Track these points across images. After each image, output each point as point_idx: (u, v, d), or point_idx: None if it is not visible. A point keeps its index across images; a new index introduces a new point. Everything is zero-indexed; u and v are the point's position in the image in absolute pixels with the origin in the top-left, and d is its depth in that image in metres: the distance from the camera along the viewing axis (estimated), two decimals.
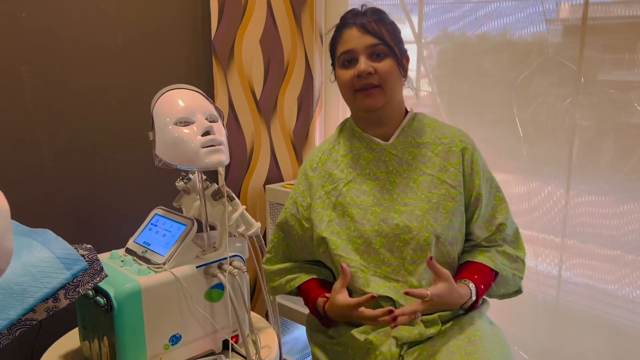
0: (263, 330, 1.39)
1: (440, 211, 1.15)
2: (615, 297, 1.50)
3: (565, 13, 1.50)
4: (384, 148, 1.20)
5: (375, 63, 1.12)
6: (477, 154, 1.20)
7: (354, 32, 1.13)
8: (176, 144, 1.14)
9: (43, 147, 1.40)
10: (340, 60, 1.15)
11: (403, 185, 1.18)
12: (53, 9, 1.37)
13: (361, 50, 1.12)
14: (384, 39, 1.12)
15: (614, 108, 1.43)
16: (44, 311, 0.88)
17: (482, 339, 1.09)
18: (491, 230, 1.20)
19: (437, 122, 1.25)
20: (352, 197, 1.18)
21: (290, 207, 1.27)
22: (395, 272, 1.15)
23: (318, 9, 2.04)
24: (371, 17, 1.14)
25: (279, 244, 1.29)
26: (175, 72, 1.65)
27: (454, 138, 1.20)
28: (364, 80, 1.12)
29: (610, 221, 1.48)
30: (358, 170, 1.20)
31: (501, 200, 1.22)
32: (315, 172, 1.24)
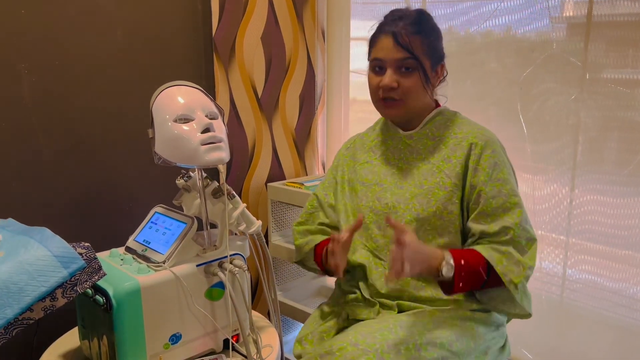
0: (264, 329, 1.38)
1: (429, 197, 1.19)
2: (621, 296, 1.49)
3: (570, 10, 1.48)
4: (401, 137, 1.29)
5: (401, 77, 1.17)
6: (489, 151, 1.18)
7: (387, 42, 1.17)
8: (176, 141, 1.13)
9: (42, 144, 1.39)
10: (372, 64, 1.22)
11: (406, 171, 1.25)
12: (52, 5, 1.36)
13: (390, 62, 1.17)
14: (414, 52, 1.15)
15: (619, 105, 1.42)
16: (41, 310, 0.87)
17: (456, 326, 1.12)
18: (494, 229, 1.14)
19: (463, 119, 1.28)
20: (362, 175, 1.31)
21: (328, 178, 1.42)
22: (380, 249, 1.24)
23: (320, 6, 2.02)
24: (408, 26, 1.16)
25: (312, 211, 1.40)
26: (175, 69, 1.64)
27: (468, 134, 1.21)
28: (387, 93, 1.18)
29: (615, 219, 1.46)
30: (378, 154, 1.32)
31: (515, 205, 1.16)
32: (347, 151, 1.41)
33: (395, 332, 1.08)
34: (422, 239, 1.19)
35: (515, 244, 1.14)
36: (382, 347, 1.03)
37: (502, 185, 1.17)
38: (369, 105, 1.30)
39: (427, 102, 1.24)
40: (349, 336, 1.07)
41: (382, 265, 1.24)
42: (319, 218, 1.40)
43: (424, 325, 1.11)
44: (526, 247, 1.16)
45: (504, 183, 1.17)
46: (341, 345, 1.05)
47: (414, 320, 1.12)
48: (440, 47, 1.22)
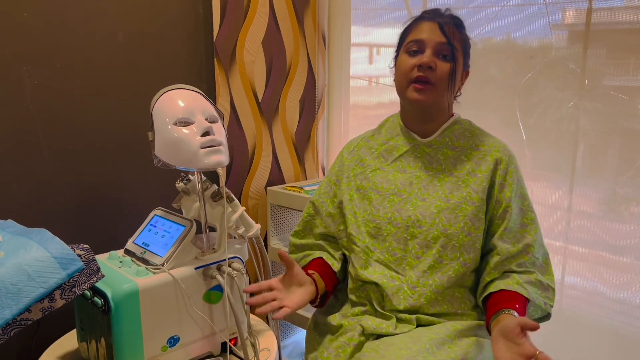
0: (262, 332, 1.38)
1: (457, 213, 1.14)
2: (620, 303, 1.49)
3: (570, 18, 1.49)
4: (419, 144, 1.22)
5: (439, 61, 1.13)
6: (512, 167, 1.18)
7: (431, 26, 1.14)
8: (175, 144, 1.13)
9: (43, 146, 1.40)
10: (407, 46, 1.16)
11: (427, 182, 1.19)
12: (54, 8, 1.37)
13: (431, 44, 1.13)
14: (454, 44, 1.13)
15: (619, 113, 1.42)
16: (40, 311, 0.87)
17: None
18: (517, 247, 1.15)
19: (480, 130, 1.24)
20: (376, 182, 1.22)
21: (325, 185, 1.33)
22: (397, 263, 1.17)
23: (321, 11, 2.03)
24: (450, 20, 1.15)
25: (309, 220, 1.34)
26: (176, 73, 1.65)
27: (491, 147, 1.19)
28: (423, 71, 1.13)
29: (614, 226, 1.47)
30: (389, 160, 1.24)
31: (532, 221, 1.18)
32: (350, 155, 1.31)
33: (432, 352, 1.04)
34: (449, 256, 1.14)
35: (535, 264, 1.17)
36: None
37: (522, 201, 1.18)
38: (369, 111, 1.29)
39: (449, 102, 1.21)
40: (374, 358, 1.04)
41: (399, 279, 1.16)
42: (316, 227, 1.33)
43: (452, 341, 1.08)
44: (544, 263, 1.19)
45: (524, 199, 1.19)
46: None
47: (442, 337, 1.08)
48: (470, 54, 1.22)
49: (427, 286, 1.14)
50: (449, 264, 1.14)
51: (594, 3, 1.42)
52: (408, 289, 1.15)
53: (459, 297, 1.17)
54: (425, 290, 1.14)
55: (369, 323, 1.14)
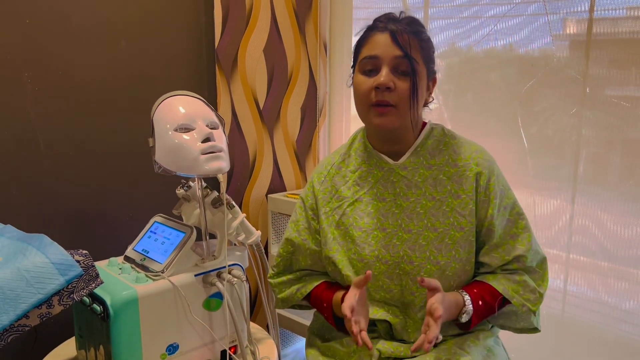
0: (262, 341, 1.37)
1: (446, 241, 1.09)
2: (622, 312, 1.48)
3: (571, 28, 1.49)
4: (393, 168, 1.14)
5: (397, 80, 1.03)
6: (494, 178, 1.11)
7: (383, 39, 1.04)
8: (176, 150, 1.13)
9: (43, 153, 1.39)
10: (362, 64, 1.07)
11: (409, 210, 1.11)
12: (56, 15, 1.37)
13: (386, 60, 1.03)
14: (412, 55, 1.03)
15: (621, 122, 1.42)
16: (37, 317, 0.87)
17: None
18: (507, 259, 1.10)
19: (454, 138, 1.15)
20: (356, 218, 1.14)
21: (302, 220, 1.23)
22: (395, 298, 1.13)
23: (322, 20, 2.04)
24: (406, 26, 1.04)
25: (288, 258, 1.26)
26: (178, 80, 1.65)
27: (469, 160, 1.11)
28: (381, 95, 1.04)
29: (616, 235, 1.46)
30: (365, 189, 1.15)
31: (523, 229, 1.11)
32: (322, 186, 1.21)
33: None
34: (445, 286, 1.09)
35: (527, 269, 1.12)
36: None
37: (509, 212, 1.12)
38: None
39: (417, 116, 1.11)
40: None
41: (402, 314, 1.13)
42: (298, 263, 1.24)
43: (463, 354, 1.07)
44: (538, 269, 1.13)
45: (511, 208, 1.13)
46: None
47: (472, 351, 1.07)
48: (434, 59, 1.11)
49: None
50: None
51: (595, 13, 1.43)
52: (413, 324, 1.13)
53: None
54: None
55: (385, 346, 1.11)
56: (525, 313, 1.11)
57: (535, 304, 1.10)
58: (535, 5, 1.54)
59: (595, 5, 1.42)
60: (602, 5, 1.41)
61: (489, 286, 1.11)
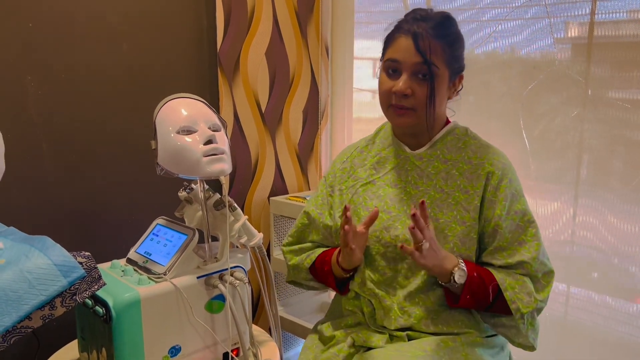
0: (264, 343, 1.36)
1: (446, 233, 1.10)
2: (625, 314, 1.47)
3: (573, 31, 1.49)
4: (409, 157, 1.18)
5: (417, 85, 1.07)
6: (506, 181, 1.11)
7: (406, 44, 1.07)
8: (178, 152, 1.13)
9: (46, 156, 1.40)
10: (386, 64, 1.12)
11: (416, 198, 1.14)
12: (59, 20, 1.38)
13: (406, 65, 1.07)
14: (432, 60, 1.05)
15: (623, 125, 1.42)
16: (40, 319, 0.87)
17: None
18: (509, 263, 1.09)
19: (475, 139, 1.18)
20: (365, 198, 1.19)
21: (322, 195, 1.30)
22: (388, 283, 1.15)
23: (324, 22, 2.04)
24: (430, 30, 1.06)
25: (302, 229, 1.32)
26: (180, 83, 1.66)
27: (483, 160, 1.13)
28: (398, 99, 1.09)
29: (619, 237, 1.46)
30: (381, 173, 1.21)
31: (532, 237, 1.10)
32: (342, 165, 1.28)
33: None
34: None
35: (532, 278, 1.10)
36: None
37: (519, 217, 1.11)
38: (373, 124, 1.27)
39: (440, 114, 1.15)
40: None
41: (390, 299, 1.14)
42: (310, 236, 1.30)
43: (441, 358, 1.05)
44: (543, 281, 1.11)
45: (522, 215, 1.12)
46: None
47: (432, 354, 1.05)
48: (461, 57, 1.14)
49: (416, 305, 1.12)
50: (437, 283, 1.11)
51: (597, 16, 1.43)
52: (398, 310, 1.13)
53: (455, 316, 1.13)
54: (414, 310, 1.12)
55: (359, 335, 1.14)
56: (515, 312, 1.07)
57: (527, 307, 1.07)
58: (537, 8, 1.54)
59: (597, 8, 1.42)
60: (603, 9, 1.41)
61: (487, 269, 1.10)
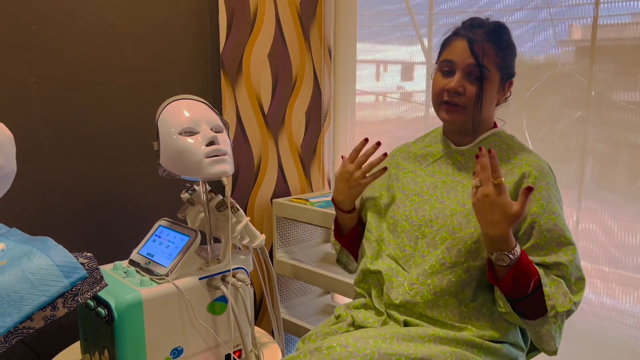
0: (267, 345, 1.36)
1: (469, 218, 1.12)
2: (630, 317, 1.47)
3: (576, 34, 1.49)
4: (452, 151, 1.24)
5: (468, 84, 1.13)
6: (543, 182, 1.12)
7: (461, 46, 1.14)
8: (180, 153, 1.13)
9: (49, 157, 1.40)
10: (441, 65, 1.18)
11: (451, 187, 1.19)
12: (62, 21, 1.38)
13: (460, 66, 1.13)
14: (485, 63, 1.12)
15: (626, 127, 1.41)
16: (42, 319, 0.87)
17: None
18: (546, 262, 1.08)
19: (520, 144, 1.21)
20: (404, 183, 1.26)
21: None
22: (406, 259, 1.19)
23: (327, 25, 2.04)
24: (485, 35, 1.13)
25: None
26: (183, 85, 1.66)
27: (522, 161, 1.16)
28: (450, 96, 1.15)
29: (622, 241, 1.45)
30: (423, 165, 1.27)
31: (570, 242, 1.10)
32: (391, 159, 1.35)
33: (390, 342, 1.04)
34: (453, 260, 1.12)
35: (565, 281, 1.10)
36: (372, 353, 1.00)
37: (556, 219, 1.11)
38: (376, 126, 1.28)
39: (487, 116, 1.21)
40: (341, 337, 1.05)
41: (404, 275, 1.17)
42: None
43: (424, 342, 1.07)
44: (575, 287, 1.11)
45: (558, 217, 1.11)
46: (331, 344, 1.02)
47: (414, 335, 1.08)
48: (512, 64, 1.19)
49: (426, 285, 1.13)
50: (451, 268, 1.12)
51: (600, 19, 1.42)
52: (407, 285, 1.15)
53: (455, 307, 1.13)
54: (422, 289, 1.13)
55: (359, 316, 1.19)
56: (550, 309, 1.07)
57: (562, 306, 1.07)
58: (541, 11, 1.54)
59: (600, 11, 1.42)
60: (606, 12, 1.41)
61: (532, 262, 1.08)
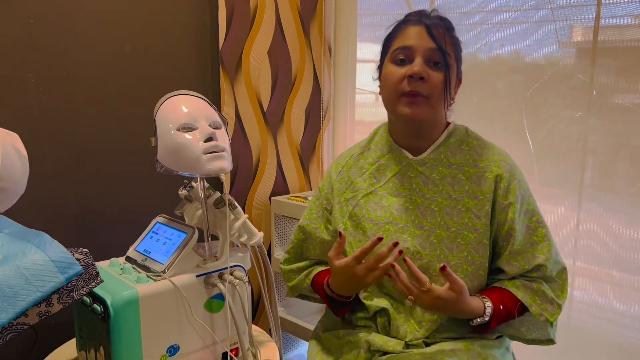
0: (264, 343, 1.35)
1: (458, 241, 1.07)
2: (629, 318, 1.46)
3: (577, 35, 1.48)
4: (411, 163, 1.13)
5: (431, 70, 1.03)
6: (515, 182, 1.08)
7: (417, 30, 1.04)
8: (178, 149, 1.12)
9: (47, 153, 1.39)
10: (394, 55, 1.06)
11: (424, 206, 1.10)
12: (61, 16, 1.37)
13: (420, 51, 1.02)
14: (446, 48, 1.03)
15: (627, 129, 1.41)
16: (36, 315, 0.86)
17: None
18: (526, 268, 1.08)
19: (478, 140, 1.14)
20: (369, 210, 1.13)
21: (316, 209, 1.25)
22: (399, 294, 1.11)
23: (327, 23, 2.04)
24: (439, 22, 1.05)
25: (299, 245, 1.28)
26: (182, 82, 1.65)
27: (490, 162, 1.09)
28: (413, 84, 1.02)
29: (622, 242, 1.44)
30: (382, 182, 1.15)
31: (543, 237, 1.09)
32: (339, 176, 1.21)
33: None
34: None
35: (547, 279, 1.10)
36: None
37: (529, 219, 1.10)
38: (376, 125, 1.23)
39: (442, 114, 1.11)
40: None
41: (405, 310, 1.11)
42: (308, 252, 1.26)
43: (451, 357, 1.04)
44: (557, 279, 1.10)
45: (532, 215, 1.11)
46: None
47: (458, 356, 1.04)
48: (461, 58, 1.11)
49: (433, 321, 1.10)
50: None
51: (602, 21, 1.42)
52: (415, 324, 1.10)
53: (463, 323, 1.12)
54: (431, 325, 1.10)
55: (375, 340, 1.10)
56: (543, 323, 1.08)
57: (552, 315, 1.07)
58: (542, 12, 1.53)
59: (602, 13, 1.41)
60: (608, 13, 1.40)
61: (509, 292, 1.08)
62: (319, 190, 1.26)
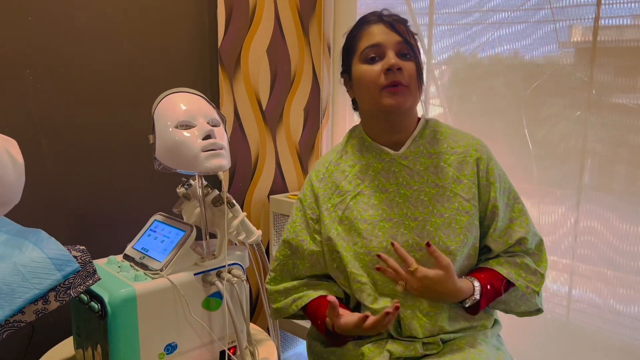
0: (262, 342, 1.35)
1: (453, 226, 1.09)
2: (627, 317, 1.46)
3: (577, 35, 1.48)
4: (394, 158, 1.14)
5: (402, 62, 1.06)
6: (492, 163, 1.14)
7: (381, 28, 1.08)
8: (176, 147, 1.12)
9: (45, 150, 1.39)
10: (364, 54, 1.08)
11: (414, 198, 1.11)
12: (59, 13, 1.37)
13: (390, 45, 1.06)
14: (410, 40, 1.09)
15: (626, 129, 1.41)
16: (33, 313, 0.85)
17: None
18: (509, 243, 1.13)
19: (450, 129, 1.18)
20: (360, 210, 1.12)
21: (300, 220, 1.20)
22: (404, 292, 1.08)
23: (326, 21, 2.03)
24: (397, 17, 1.11)
25: (285, 262, 1.21)
26: (180, 80, 1.65)
27: (467, 147, 1.14)
28: (392, 75, 1.05)
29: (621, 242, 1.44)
30: (367, 182, 1.15)
31: (520, 212, 1.15)
32: (321, 183, 1.19)
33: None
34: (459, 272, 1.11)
35: (527, 251, 1.15)
36: None
37: (508, 195, 1.16)
38: None
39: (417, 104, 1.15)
40: None
41: (408, 305, 1.10)
42: (297, 269, 1.20)
43: None
44: (537, 251, 1.16)
45: (509, 192, 1.16)
46: None
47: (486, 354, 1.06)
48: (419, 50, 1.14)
49: (441, 309, 1.10)
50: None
51: (601, 21, 1.42)
52: (423, 316, 1.10)
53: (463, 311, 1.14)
54: (440, 314, 1.10)
55: (395, 347, 1.08)
56: (530, 294, 1.13)
57: (537, 285, 1.13)
58: (542, 12, 1.53)
59: (601, 12, 1.41)
60: (608, 13, 1.40)
61: (494, 271, 1.12)
62: (300, 202, 1.22)
